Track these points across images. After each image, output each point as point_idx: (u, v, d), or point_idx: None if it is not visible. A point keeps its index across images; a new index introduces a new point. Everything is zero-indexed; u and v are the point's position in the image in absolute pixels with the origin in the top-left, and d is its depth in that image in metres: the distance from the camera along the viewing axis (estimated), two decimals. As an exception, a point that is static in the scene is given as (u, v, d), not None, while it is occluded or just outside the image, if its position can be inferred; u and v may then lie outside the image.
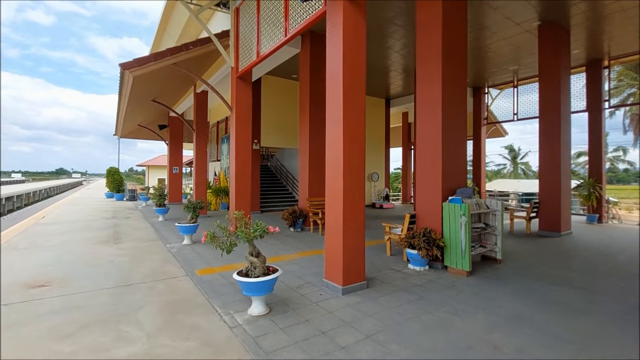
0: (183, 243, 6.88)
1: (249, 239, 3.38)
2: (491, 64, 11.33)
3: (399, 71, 12.52)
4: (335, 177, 4.07)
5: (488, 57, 10.69)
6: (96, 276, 4.72)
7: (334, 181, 4.09)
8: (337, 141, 4.04)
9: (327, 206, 4.21)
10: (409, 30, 8.80)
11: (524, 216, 8.75)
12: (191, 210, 6.82)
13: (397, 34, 9.15)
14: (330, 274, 4.16)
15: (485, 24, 8.42)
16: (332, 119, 4.15)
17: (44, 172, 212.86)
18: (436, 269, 5.08)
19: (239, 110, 7.42)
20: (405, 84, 14.19)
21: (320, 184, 8.79)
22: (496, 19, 8.10)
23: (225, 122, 15.18)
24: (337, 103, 4.05)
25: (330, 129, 4.17)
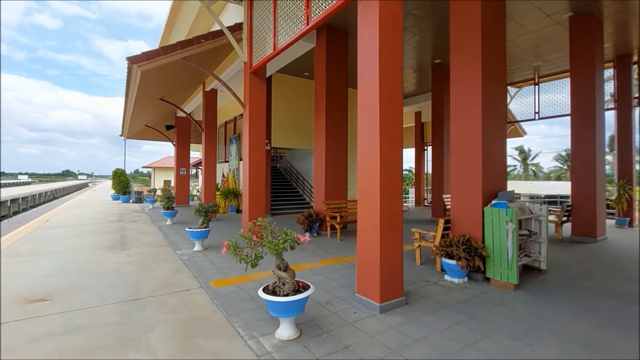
0: (194, 249, 6.43)
1: (277, 251, 2.90)
2: (514, 59, 10.77)
3: (413, 68, 12.01)
4: (370, 181, 3.58)
5: (512, 52, 10.13)
6: (101, 288, 4.27)
7: (368, 185, 3.60)
8: (373, 141, 3.55)
9: (361, 213, 3.73)
10: (428, 22, 8.30)
11: (554, 220, 8.18)
12: (203, 214, 6.37)
13: (415, 28, 8.65)
14: (364, 288, 3.67)
15: (513, 15, 7.90)
16: (366, 117, 3.67)
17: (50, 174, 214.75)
18: (477, 281, 4.57)
19: (253, 107, 6.97)
20: (419, 82, 13.67)
21: (338, 186, 8.31)
22: (526, 9, 7.58)
23: (234, 122, 14.77)
24: (373, 99, 3.57)
25: (364, 128, 3.69)
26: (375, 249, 3.50)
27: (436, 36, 9.13)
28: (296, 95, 12.25)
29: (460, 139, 4.90)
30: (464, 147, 4.83)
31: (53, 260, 5.65)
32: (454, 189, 5.01)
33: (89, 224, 9.81)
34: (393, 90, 3.61)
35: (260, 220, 3.23)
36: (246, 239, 3.03)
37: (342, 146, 8.37)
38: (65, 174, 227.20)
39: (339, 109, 8.29)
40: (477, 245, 4.41)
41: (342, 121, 8.34)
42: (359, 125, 3.77)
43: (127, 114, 11.46)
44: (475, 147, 4.69)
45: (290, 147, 12.40)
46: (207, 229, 6.43)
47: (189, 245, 6.90)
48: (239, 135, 13.99)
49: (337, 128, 8.26)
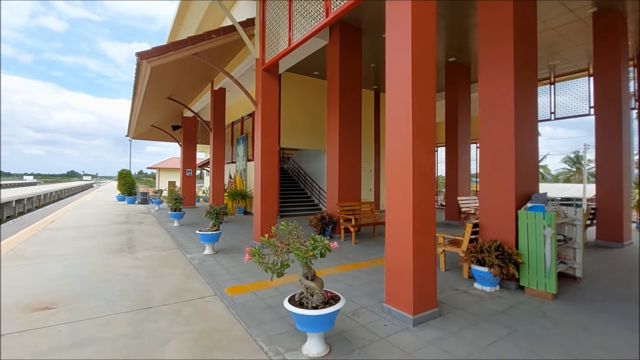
0: (204, 253, 6.18)
1: (306, 259, 2.63)
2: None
3: None
4: (401, 184, 3.30)
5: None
6: (110, 295, 4.02)
7: (400, 188, 3.32)
8: (404, 142, 3.27)
9: (391, 217, 3.44)
10: (443, 20, 8.02)
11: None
12: (213, 217, 6.11)
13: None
14: (394, 298, 3.38)
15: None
16: (396, 117, 3.39)
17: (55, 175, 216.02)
18: (509, 290, 4.26)
19: (265, 105, 6.71)
20: None
21: (351, 188, 8.03)
22: (550, 3, 7.28)
23: (241, 122, 14.54)
24: (404, 96, 3.29)
25: (394, 127, 3.41)
26: (408, 257, 3.21)
27: (451, 34, 8.85)
28: (306, 95, 12.00)
29: (491, 139, 4.60)
30: (495, 147, 4.54)
31: (58, 264, 5.42)
32: (483, 191, 4.71)
33: (95, 226, 9.60)
34: (426, 91, 3.33)
35: (284, 224, 2.96)
36: (270, 245, 2.76)
37: (356, 146, 8.10)
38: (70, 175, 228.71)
39: (353, 108, 8.02)
40: (512, 252, 4.11)
41: (356, 120, 8.07)
42: (388, 125, 3.49)
43: (134, 113, 11.27)
44: (508, 146, 4.39)
45: (298, 147, 12.17)
46: (218, 232, 6.18)
47: (198, 248, 6.65)
48: (247, 136, 13.76)
49: (351, 127, 7.99)
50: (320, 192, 13.74)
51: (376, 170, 14.39)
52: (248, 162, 13.67)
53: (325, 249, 2.61)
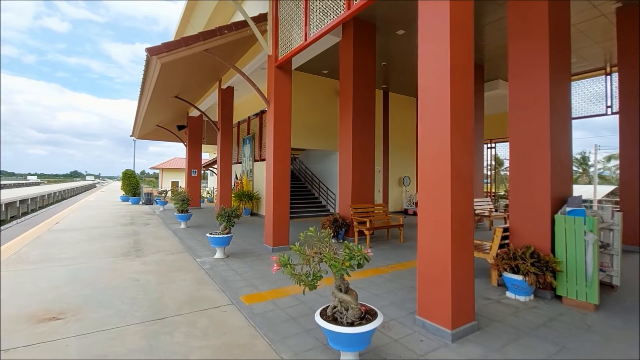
0: (215, 257, 5.93)
1: (343, 271, 2.37)
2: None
3: None
4: (437, 185, 3.04)
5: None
6: (119, 303, 3.77)
7: (436, 192, 3.05)
8: (440, 139, 3.01)
9: (425, 222, 3.17)
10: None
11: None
12: (225, 219, 5.87)
13: None
14: (428, 310, 3.12)
15: (556, 6, 7.32)
16: (431, 110, 3.13)
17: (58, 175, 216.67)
18: (545, 299, 3.99)
19: (278, 104, 6.46)
20: None
21: (365, 189, 7.78)
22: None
23: (248, 122, 14.31)
24: (441, 90, 3.03)
25: (430, 124, 3.15)
26: (445, 267, 2.95)
27: None
28: (314, 94, 11.75)
29: (523, 138, 4.33)
30: (528, 146, 4.26)
31: (64, 268, 5.18)
32: (514, 194, 4.43)
33: (100, 227, 9.38)
34: (465, 85, 3.07)
35: (311, 230, 2.71)
36: (301, 254, 2.50)
37: (369, 146, 7.84)
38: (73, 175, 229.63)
39: (366, 107, 7.76)
40: (549, 259, 3.83)
41: (369, 120, 7.82)
42: (422, 121, 3.23)
43: (141, 113, 11.05)
44: (542, 146, 4.12)
45: (306, 147, 11.91)
46: (229, 235, 5.93)
47: (208, 251, 6.40)
48: (253, 136, 13.53)
49: (364, 127, 7.73)
50: (328, 193, 13.48)
51: (385, 171, 14.12)
52: (255, 162, 13.44)
53: (363, 258, 2.35)
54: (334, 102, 12.46)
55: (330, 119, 12.32)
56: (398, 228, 7.62)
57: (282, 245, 6.55)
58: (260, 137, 12.99)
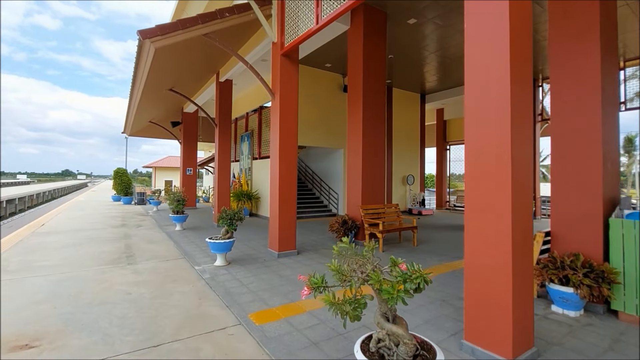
0: (216, 264, 5.36)
1: (397, 297, 1.83)
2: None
3: (437, 62, 10.96)
4: (491, 184, 2.52)
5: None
6: (107, 325, 3.20)
7: (490, 190, 2.54)
8: (497, 130, 2.50)
9: (474, 227, 2.65)
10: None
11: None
12: (227, 223, 5.30)
13: (445, 17, 7.65)
14: (480, 335, 2.60)
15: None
16: (483, 95, 2.62)
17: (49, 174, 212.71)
18: (597, 314, 3.50)
19: (285, 96, 5.91)
20: (444, 77, 12.61)
21: (376, 189, 7.26)
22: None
23: (246, 118, 13.70)
24: (499, 71, 2.51)
25: (482, 111, 2.63)
26: (505, 284, 2.43)
27: None
28: (315, 89, 11.19)
29: (569, 135, 3.83)
30: (575, 143, 3.77)
31: (45, 279, 4.58)
32: (558, 195, 3.94)
33: (88, 230, 8.73)
34: (525, 68, 2.55)
35: (345, 240, 2.17)
36: (338, 274, 1.96)
37: (380, 143, 7.32)
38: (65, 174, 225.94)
39: (377, 102, 7.24)
40: (605, 269, 3.34)
41: (380, 115, 7.29)
42: (470, 107, 2.71)
43: (132, 107, 10.38)
44: (593, 141, 3.63)
45: (306, 145, 11.36)
46: (231, 240, 5.37)
47: (207, 258, 5.83)
48: (252, 133, 12.94)
49: (375, 123, 7.21)
50: (330, 192, 12.96)
51: (388, 170, 13.62)
52: (254, 160, 12.85)
53: (423, 280, 1.81)
54: (338, 97, 11.92)
55: (333, 115, 11.78)
56: (412, 230, 7.11)
57: (289, 250, 6.01)
58: (260, 134, 12.40)
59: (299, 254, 6.11)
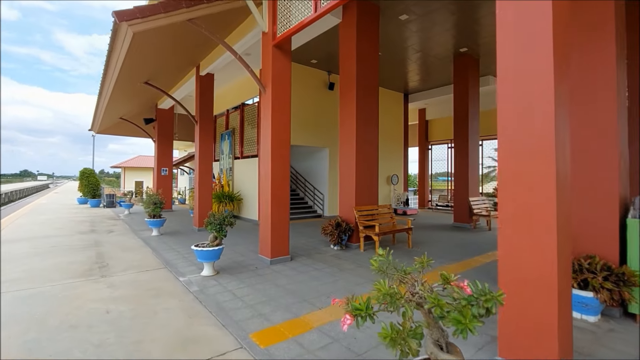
0: (203, 274, 4.87)
1: (466, 329, 1.51)
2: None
3: (421, 61, 10.92)
4: (532, 186, 2.28)
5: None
6: (81, 354, 2.69)
7: (530, 193, 2.30)
8: (539, 119, 2.26)
9: (512, 236, 2.41)
10: (451, 6, 7.22)
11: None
12: (215, 228, 4.82)
13: (431, 16, 7.57)
14: (519, 350, 2.36)
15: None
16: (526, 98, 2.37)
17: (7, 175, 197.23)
18: (614, 318, 3.39)
19: (277, 90, 5.50)
20: (426, 77, 12.62)
21: (370, 189, 7.01)
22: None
23: (226, 115, 13.07)
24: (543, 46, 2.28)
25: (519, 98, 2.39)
26: (550, 296, 2.20)
27: (463, 20, 8.02)
28: (301, 86, 10.81)
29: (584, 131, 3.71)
30: (588, 139, 3.65)
31: (3, 297, 3.92)
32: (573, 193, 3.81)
33: (53, 236, 7.88)
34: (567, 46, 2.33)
35: (382, 252, 1.85)
36: (388, 297, 1.61)
37: (374, 142, 7.07)
38: (23, 175, 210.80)
39: (371, 98, 6.98)
40: (626, 272, 3.23)
41: (374, 112, 7.04)
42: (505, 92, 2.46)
43: (103, 100, 9.52)
44: (609, 139, 3.51)
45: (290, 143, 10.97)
46: (220, 247, 4.89)
47: (192, 266, 5.32)
48: (233, 131, 12.35)
49: (369, 120, 6.95)
50: (315, 193, 12.62)
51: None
52: (235, 160, 12.28)
53: (494, 303, 1.50)
54: (323, 95, 11.61)
55: (318, 114, 11.46)
56: (406, 232, 6.91)
57: (282, 256, 5.61)
58: (242, 133, 11.85)
59: (292, 260, 5.72)
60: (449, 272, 1.69)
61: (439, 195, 17.01)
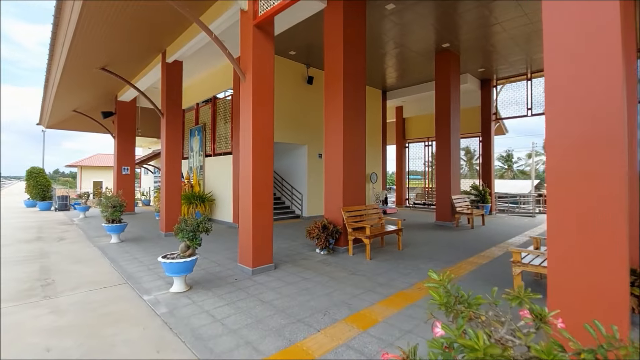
0: (172, 290, 4.13)
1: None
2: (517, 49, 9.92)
3: (400, 57, 10.68)
4: (601, 192, 1.87)
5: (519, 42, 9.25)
6: (2, 421, 1.94)
7: (595, 197, 1.88)
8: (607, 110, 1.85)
9: (568, 241, 1.99)
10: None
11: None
12: (188, 236, 4.10)
13: (414, 11, 7.30)
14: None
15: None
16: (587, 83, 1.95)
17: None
18: (635, 325, 3.12)
19: (259, 76, 4.85)
20: (404, 74, 12.41)
21: (358, 189, 6.54)
22: None
23: (196, 109, 12.09)
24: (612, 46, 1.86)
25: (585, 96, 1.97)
26: (621, 309, 1.80)
27: (445, 15, 7.79)
28: (278, 79, 10.10)
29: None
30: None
31: None
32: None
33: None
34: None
35: (436, 276, 1.32)
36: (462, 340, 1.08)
37: (361, 138, 6.60)
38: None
39: (358, 89, 6.50)
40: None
41: (361, 106, 6.57)
42: (556, 105, 2.03)
43: (51, 88, 8.29)
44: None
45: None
46: (193, 258, 4.18)
47: (159, 280, 4.55)
48: (204, 126, 11.42)
49: (357, 112, 6.47)
50: (293, 192, 12.00)
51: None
52: (207, 157, 11.36)
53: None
54: (302, 89, 11.02)
55: (297, 109, 10.86)
56: (396, 233, 6.51)
57: (265, 264, 4.97)
58: (214, 128, 10.97)
59: (276, 269, 5.10)
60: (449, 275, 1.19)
61: (416, 194, 17.00)
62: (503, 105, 13.23)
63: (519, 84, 12.68)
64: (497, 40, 9.21)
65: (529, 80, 12.27)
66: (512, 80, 12.75)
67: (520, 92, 12.52)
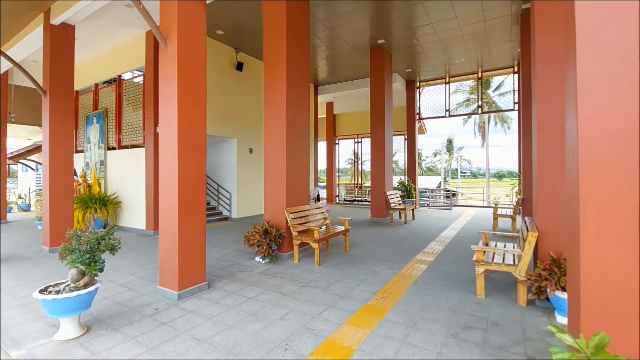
0: (58, 338, 2.89)
1: None
2: (440, 53, 10.46)
3: (331, 53, 10.46)
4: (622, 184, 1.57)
5: (446, 45, 9.75)
6: None
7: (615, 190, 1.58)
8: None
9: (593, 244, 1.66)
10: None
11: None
12: (85, 260, 2.89)
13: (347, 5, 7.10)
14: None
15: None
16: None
17: None
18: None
19: (185, 45, 3.78)
20: (335, 69, 12.24)
21: (302, 187, 5.91)
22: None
23: (94, 91, 9.82)
24: None
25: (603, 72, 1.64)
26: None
27: (379, 10, 7.71)
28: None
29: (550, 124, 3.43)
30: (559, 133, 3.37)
31: None
32: (542, 188, 3.52)
33: None
34: None
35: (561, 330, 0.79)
36: None
37: (304, 131, 5.97)
38: None
39: (302, 77, 5.85)
40: None
41: (305, 96, 5.94)
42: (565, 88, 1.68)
43: None
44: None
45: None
46: (92, 290, 2.98)
47: (38, 322, 3.20)
48: (105, 112, 9.34)
49: (300, 103, 5.81)
50: (220, 191, 10.75)
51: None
52: (109, 151, 9.33)
53: None
54: (230, 76, 9.85)
55: (224, 98, 9.67)
56: (343, 234, 6.07)
57: (197, 283, 3.96)
58: (119, 115, 9.04)
59: (210, 288, 4.13)
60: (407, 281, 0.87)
61: (346, 190, 17.12)
62: (425, 106, 14.07)
63: (438, 87, 13.60)
64: (427, 41, 9.52)
65: (447, 84, 13.24)
66: (432, 83, 13.59)
67: (440, 96, 13.46)
